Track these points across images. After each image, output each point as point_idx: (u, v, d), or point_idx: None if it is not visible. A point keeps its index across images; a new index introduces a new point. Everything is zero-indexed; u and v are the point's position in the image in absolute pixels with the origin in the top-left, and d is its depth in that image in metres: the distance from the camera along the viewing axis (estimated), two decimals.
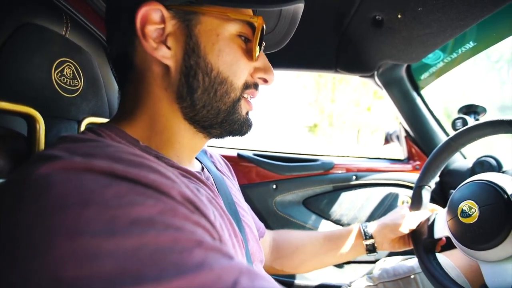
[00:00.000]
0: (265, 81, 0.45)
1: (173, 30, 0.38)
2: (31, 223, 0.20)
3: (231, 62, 0.39)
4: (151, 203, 0.23)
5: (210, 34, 0.38)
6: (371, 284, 0.74)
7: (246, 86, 0.42)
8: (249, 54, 0.41)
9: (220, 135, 0.45)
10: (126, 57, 0.40)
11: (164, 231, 0.22)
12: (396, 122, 1.31)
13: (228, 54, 0.39)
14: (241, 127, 0.44)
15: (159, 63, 0.38)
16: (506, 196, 0.50)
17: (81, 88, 0.53)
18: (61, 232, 0.20)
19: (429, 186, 0.72)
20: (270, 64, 0.45)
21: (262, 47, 0.45)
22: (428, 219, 0.68)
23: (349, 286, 0.76)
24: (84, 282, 0.18)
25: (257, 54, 0.41)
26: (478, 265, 0.56)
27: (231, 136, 0.46)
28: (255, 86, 0.44)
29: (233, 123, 0.43)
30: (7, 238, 0.20)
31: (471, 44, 0.90)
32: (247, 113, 0.45)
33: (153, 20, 0.36)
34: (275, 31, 0.49)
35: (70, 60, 0.51)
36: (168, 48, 0.38)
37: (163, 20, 0.37)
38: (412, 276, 0.71)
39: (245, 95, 0.43)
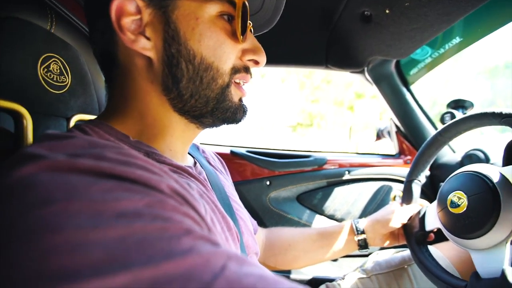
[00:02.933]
0: (256, 62, 0.42)
1: (150, 20, 0.36)
2: (15, 218, 0.20)
3: (214, 46, 0.37)
4: (138, 197, 0.23)
5: (189, 19, 0.36)
6: (365, 276, 0.75)
7: (235, 70, 0.40)
8: (234, 35, 0.39)
9: (213, 124, 0.43)
10: (109, 55, 0.38)
11: (152, 222, 0.22)
12: (380, 121, 1.33)
13: (210, 38, 0.37)
14: (234, 114, 0.42)
15: (141, 56, 0.37)
16: (492, 185, 0.52)
17: (69, 84, 0.52)
18: (44, 227, 0.20)
19: (419, 180, 0.73)
20: (260, 45, 0.42)
21: (250, 28, 0.42)
22: (419, 213, 0.69)
23: (343, 279, 0.77)
24: (71, 270, 0.18)
25: (242, 34, 0.39)
26: (467, 256, 0.57)
27: (225, 124, 0.44)
28: (246, 69, 0.42)
29: (225, 111, 0.41)
30: None
31: (457, 40, 0.93)
32: (240, 100, 0.43)
33: (129, 12, 0.35)
34: (264, 9, 0.46)
35: (56, 56, 0.50)
36: (148, 39, 0.36)
37: (139, 11, 0.35)
38: (404, 268, 0.73)
39: (237, 80, 0.41)
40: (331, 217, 1.19)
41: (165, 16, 0.36)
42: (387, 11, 0.75)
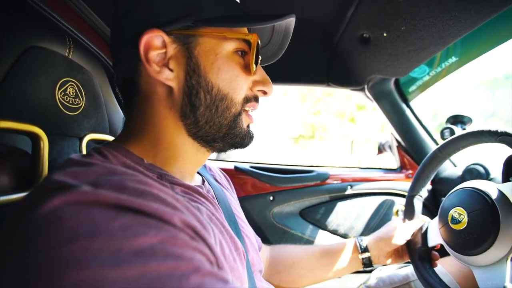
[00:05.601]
0: (264, 93, 0.46)
1: (174, 54, 0.40)
2: (43, 253, 0.22)
3: (230, 79, 0.41)
4: (153, 233, 0.25)
5: (209, 54, 0.40)
6: None
7: (247, 100, 0.44)
8: (247, 69, 0.43)
9: (223, 149, 0.46)
10: (132, 81, 0.42)
11: (164, 260, 0.24)
12: (381, 132, 1.35)
13: (227, 72, 0.41)
14: (242, 140, 0.45)
15: (163, 85, 0.41)
16: (490, 201, 0.53)
17: (83, 106, 0.55)
18: (70, 263, 0.21)
19: (420, 196, 0.74)
20: (268, 77, 0.47)
21: (259, 61, 0.46)
22: (421, 228, 0.70)
23: None
24: None
25: (254, 68, 0.43)
26: (469, 271, 0.57)
27: (233, 149, 0.47)
28: (255, 98, 0.46)
29: (235, 136, 0.44)
30: (20, 266, 0.22)
31: (453, 59, 0.96)
32: (248, 126, 0.46)
33: (155, 46, 0.39)
34: (270, 44, 0.51)
35: (73, 80, 0.53)
36: (171, 70, 0.40)
37: (164, 45, 0.39)
38: (407, 284, 0.72)
39: (246, 108, 0.45)
40: (334, 232, 1.19)
41: (188, 51, 0.40)
42: (384, 34, 0.79)
